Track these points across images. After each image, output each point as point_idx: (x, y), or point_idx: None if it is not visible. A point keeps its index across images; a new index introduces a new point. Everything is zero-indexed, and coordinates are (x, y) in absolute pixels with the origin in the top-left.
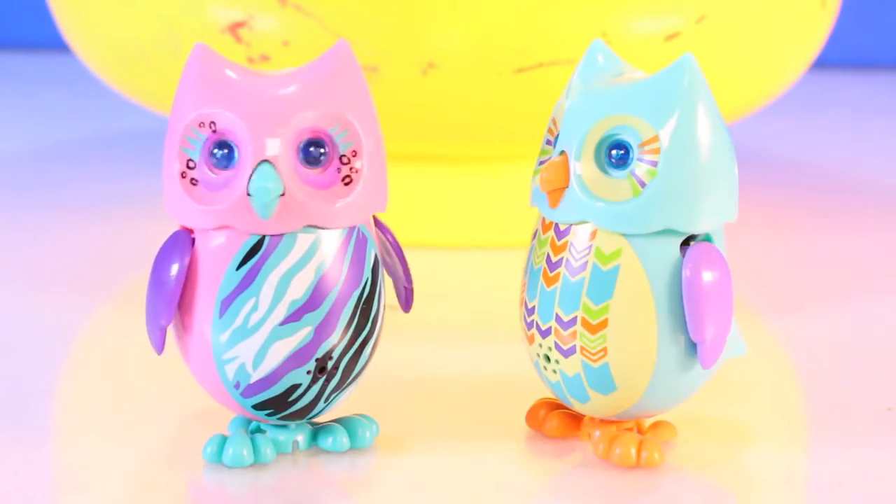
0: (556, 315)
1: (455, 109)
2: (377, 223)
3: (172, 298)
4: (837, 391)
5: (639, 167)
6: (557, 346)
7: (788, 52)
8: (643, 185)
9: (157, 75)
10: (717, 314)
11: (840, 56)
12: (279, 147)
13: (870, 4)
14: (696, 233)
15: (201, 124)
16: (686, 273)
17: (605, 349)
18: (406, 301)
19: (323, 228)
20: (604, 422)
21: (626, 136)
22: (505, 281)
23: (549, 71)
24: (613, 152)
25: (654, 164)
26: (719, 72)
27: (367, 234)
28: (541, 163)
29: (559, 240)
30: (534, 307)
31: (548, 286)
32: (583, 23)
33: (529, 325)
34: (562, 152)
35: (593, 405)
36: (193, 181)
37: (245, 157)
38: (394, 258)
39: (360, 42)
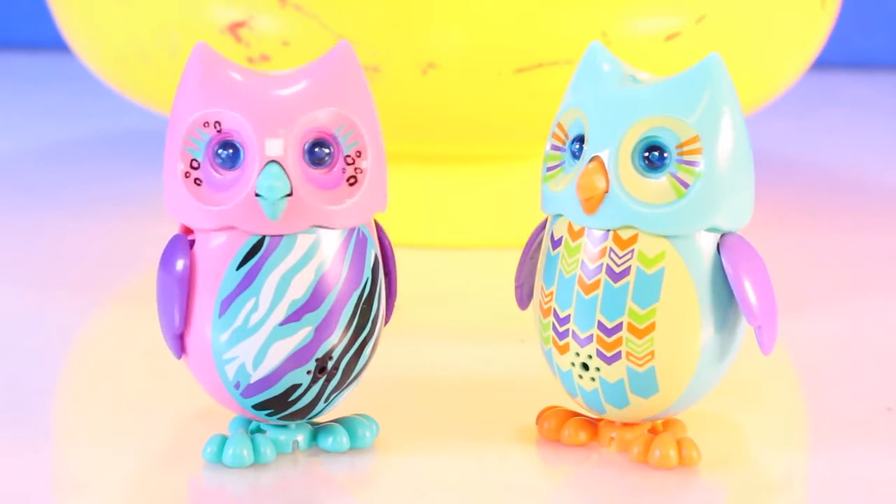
0: (599, 322)
1: (455, 109)
2: (378, 231)
3: (181, 306)
4: (838, 391)
5: (679, 168)
6: (600, 354)
7: (788, 52)
8: (686, 185)
9: (157, 75)
10: (769, 297)
11: (840, 56)
12: (286, 147)
13: (870, 4)
14: (735, 229)
15: (206, 124)
16: (738, 265)
17: (651, 353)
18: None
19: (328, 228)
20: (625, 425)
21: (662, 138)
22: (505, 281)
23: (549, 71)
24: (649, 154)
25: (695, 164)
26: None
27: (367, 235)
28: (549, 169)
29: (595, 246)
30: (568, 316)
31: (586, 294)
32: (583, 23)
33: (562, 335)
34: (593, 158)
35: (629, 410)
36: (197, 181)
37: (251, 157)
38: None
39: (360, 42)
